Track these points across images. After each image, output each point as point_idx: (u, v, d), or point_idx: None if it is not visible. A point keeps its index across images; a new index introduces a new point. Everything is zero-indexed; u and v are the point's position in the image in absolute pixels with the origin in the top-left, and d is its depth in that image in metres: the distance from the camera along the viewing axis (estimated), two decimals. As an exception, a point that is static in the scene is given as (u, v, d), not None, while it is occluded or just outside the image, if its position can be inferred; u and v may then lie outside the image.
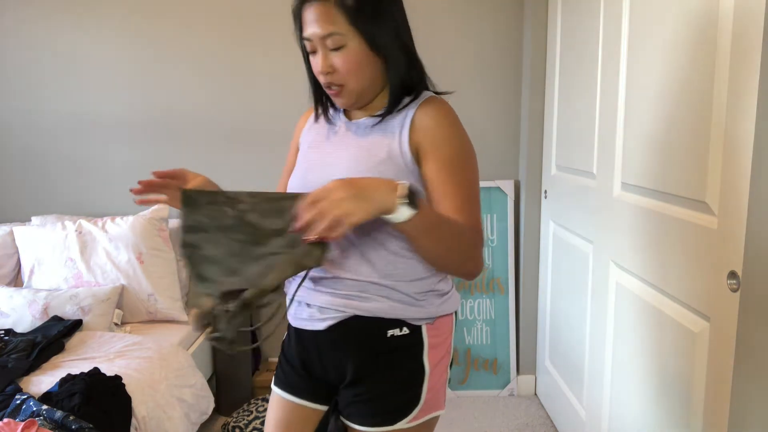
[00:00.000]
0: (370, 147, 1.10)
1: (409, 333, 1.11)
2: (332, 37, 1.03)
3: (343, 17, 1.03)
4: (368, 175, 1.05)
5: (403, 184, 0.92)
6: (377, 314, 1.09)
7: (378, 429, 1.12)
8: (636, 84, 1.59)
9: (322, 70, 1.06)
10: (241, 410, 2.37)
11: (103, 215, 2.59)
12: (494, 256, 2.69)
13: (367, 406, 1.13)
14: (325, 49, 1.05)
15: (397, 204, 0.90)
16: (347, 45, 1.04)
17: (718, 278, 1.20)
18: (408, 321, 1.11)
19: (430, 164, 1.06)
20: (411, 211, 0.91)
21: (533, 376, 2.72)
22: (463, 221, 1.03)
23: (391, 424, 1.12)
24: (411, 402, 1.12)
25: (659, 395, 1.47)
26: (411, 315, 1.11)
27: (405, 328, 1.11)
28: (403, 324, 1.11)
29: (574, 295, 2.14)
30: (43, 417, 1.50)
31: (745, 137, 1.11)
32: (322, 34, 1.03)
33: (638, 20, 1.58)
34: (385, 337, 1.10)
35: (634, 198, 1.61)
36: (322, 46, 1.05)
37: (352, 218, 0.88)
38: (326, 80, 1.08)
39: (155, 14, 2.61)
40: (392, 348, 1.11)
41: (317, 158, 1.16)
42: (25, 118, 2.70)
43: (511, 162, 2.72)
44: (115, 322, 2.29)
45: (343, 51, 1.04)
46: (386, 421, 1.12)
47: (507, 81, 2.66)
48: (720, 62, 1.20)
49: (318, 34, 1.04)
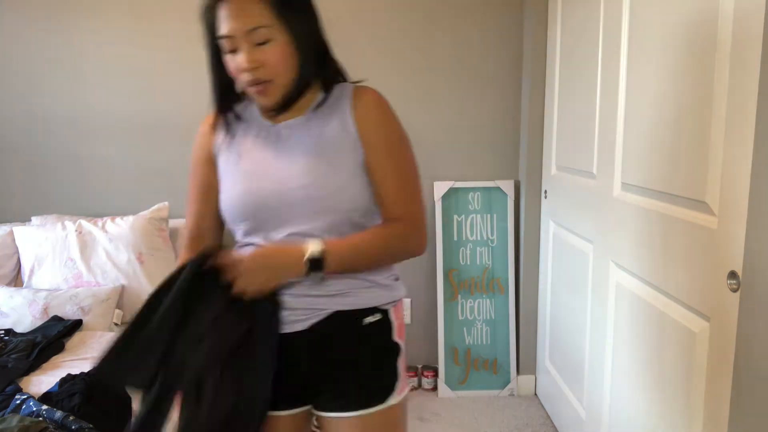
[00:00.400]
0: (321, 142, 1.10)
1: (381, 318, 1.16)
2: (259, 31, 1.01)
3: (268, 10, 1.02)
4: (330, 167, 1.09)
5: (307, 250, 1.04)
6: (358, 306, 1.14)
7: (368, 411, 1.14)
8: (636, 84, 1.59)
9: (248, 66, 1.03)
10: (241, 410, 2.37)
11: (103, 215, 2.59)
12: (494, 256, 2.69)
13: (353, 392, 1.14)
14: (248, 44, 1.02)
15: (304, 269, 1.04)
16: (274, 38, 1.03)
17: (718, 278, 1.20)
18: (380, 307, 1.16)
19: (374, 155, 1.11)
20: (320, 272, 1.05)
21: (533, 376, 2.72)
22: (401, 210, 1.12)
23: (382, 401, 1.15)
24: (393, 378, 1.17)
25: (659, 395, 1.47)
26: (383, 301, 1.17)
27: (377, 314, 1.16)
28: (376, 310, 1.16)
29: (574, 295, 2.14)
30: (43, 417, 1.50)
31: (745, 137, 1.11)
32: (248, 28, 1.01)
33: (638, 20, 1.58)
34: (361, 325, 1.14)
35: (634, 198, 1.61)
36: (246, 42, 1.02)
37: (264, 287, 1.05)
38: (252, 77, 1.04)
39: (156, 14, 2.60)
40: (368, 334, 1.15)
41: (262, 166, 1.12)
42: (25, 118, 2.69)
43: (511, 162, 2.72)
44: (115, 322, 2.29)
45: (270, 45, 1.03)
46: (375, 400, 1.15)
47: (507, 81, 2.66)
48: (720, 62, 1.20)
49: (242, 29, 1.01)
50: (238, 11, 1.02)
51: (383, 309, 1.17)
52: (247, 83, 1.06)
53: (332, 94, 1.13)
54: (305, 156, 1.09)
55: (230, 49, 1.05)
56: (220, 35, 1.04)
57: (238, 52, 1.04)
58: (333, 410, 1.15)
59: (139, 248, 2.39)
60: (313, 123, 1.12)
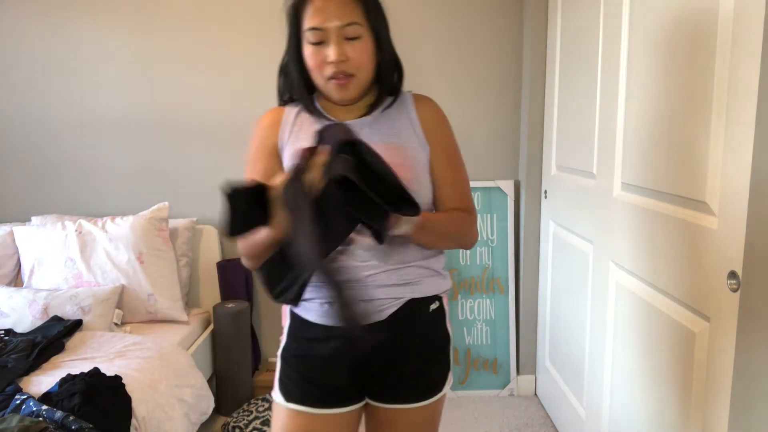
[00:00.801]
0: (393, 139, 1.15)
1: (439, 305, 1.22)
2: (352, 27, 1.08)
3: (360, 11, 1.09)
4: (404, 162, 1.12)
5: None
6: (426, 294, 1.18)
7: (427, 401, 1.19)
8: (636, 84, 1.59)
9: (337, 59, 1.07)
10: (241, 410, 2.37)
11: (103, 215, 2.59)
12: (494, 256, 2.69)
13: (416, 382, 1.19)
14: (339, 38, 1.08)
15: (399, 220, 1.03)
16: (363, 36, 1.10)
17: (718, 278, 1.20)
18: (439, 294, 1.22)
19: (437, 154, 1.18)
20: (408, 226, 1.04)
21: (533, 376, 2.72)
22: (463, 203, 1.20)
23: (438, 392, 1.21)
24: (447, 367, 1.24)
25: (659, 395, 1.47)
26: (442, 289, 1.23)
27: (437, 301, 1.21)
28: (436, 298, 1.21)
29: (574, 295, 2.14)
30: (43, 417, 1.50)
31: (745, 137, 1.11)
32: (343, 22, 1.07)
33: (638, 20, 1.58)
34: (428, 312, 1.20)
35: (634, 198, 1.61)
36: (337, 36, 1.07)
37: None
38: (337, 69, 1.09)
39: (156, 14, 2.60)
40: (433, 320, 1.21)
41: None
42: (25, 118, 2.70)
43: (511, 162, 2.72)
44: (115, 322, 2.29)
45: (359, 42, 1.09)
46: (434, 390, 1.21)
47: (507, 81, 2.66)
48: (720, 62, 1.20)
49: (337, 23, 1.07)
50: (335, 5, 1.07)
51: (440, 297, 1.23)
52: (330, 75, 1.10)
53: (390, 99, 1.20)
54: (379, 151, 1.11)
55: (317, 41, 1.09)
56: (311, 27, 1.08)
57: (326, 45, 1.08)
58: (394, 401, 1.19)
59: (139, 248, 2.39)
60: (380, 122, 1.17)
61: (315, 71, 1.12)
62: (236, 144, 2.68)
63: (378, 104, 1.18)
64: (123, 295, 2.37)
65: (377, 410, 1.22)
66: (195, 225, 2.65)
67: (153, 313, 2.40)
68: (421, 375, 1.19)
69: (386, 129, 1.16)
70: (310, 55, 1.10)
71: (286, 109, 1.22)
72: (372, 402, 1.22)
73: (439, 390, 1.22)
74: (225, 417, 2.42)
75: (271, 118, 1.22)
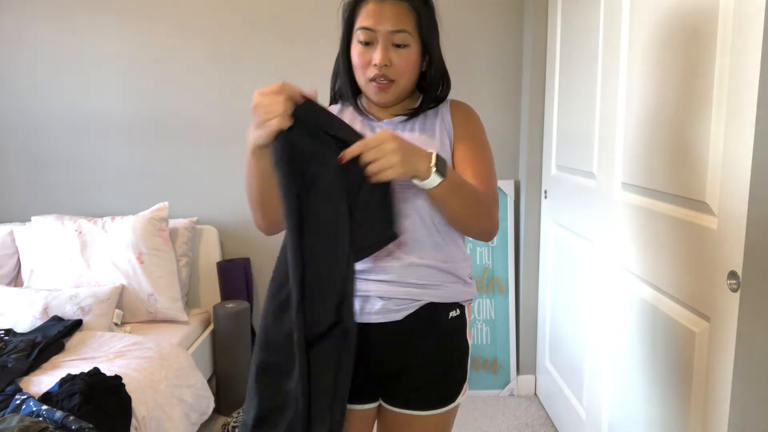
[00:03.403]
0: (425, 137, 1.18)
1: (459, 314, 1.21)
2: (402, 34, 1.10)
3: (413, 20, 1.11)
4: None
5: (434, 153, 1.01)
6: (447, 299, 1.18)
7: (441, 410, 1.20)
8: (636, 84, 1.59)
9: (381, 62, 1.10)
10: (241, 410, 2.37)
11: (103, 215, 2.59)
12: (494, 256, 2.69)
13: (430, 390, 1.18)
14: (387, 42, 1.10)
15: (431, 171, 0.99)
16: (410, 45, 1.12)
17: (718, 278, 1.20)
18: (461, 302, 1.21)
19: (461, 146, 1.19)
20: (440, 178, 1.00)
21: (533, 376, 2.72)
22: (484, 185, 1.16)
23: (452, 401, 1.22)
24: (463, 378, 1.23)
25: (659, 395, 1.47)
26: (464, 297, 1.21)
27: (458, 310, 1.21)
28: (457, 306, 1.20)
29: (574, 296, 2.14)
30: (43, 417, 1.50)
31: (745, 137, 1.11)
32: (395, 28, 1.09)
33: (638, 19, 1.58)
34: (447, 319, 1.19)
35: (634, 198, 1.61)
36: (386, 40, 1.10)
37: (391, 172, 0.96)
38: (380, 72, 1.11)
39: (155, 14, 2.60)
40: (450, 329, 1.20)
41: None
42: (25, 118, 2.70)
43: (511, 162, 2.72)
44: (115, 322, 2.29)
45: (406, 50, 1.12)
46: (448, 399, 1.21)
47: (507, 81, 2.66)
48: (720, 62, 1.20)
49: (389, 27, 1.09)
50: (389, 11, 1.10)
51: (461, 305, 1.22)
52: (372, 77, 1.13)
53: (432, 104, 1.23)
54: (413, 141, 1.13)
55: (366, 41, 1.12)
56: (363, 26, 1.11)
57: (373, 47, 1.11)
58: (407, 407, 1.19)
59: (139, 248, 2.39)
60: (414, 122, 1.21)
61: (358, 70, 1.14)
62: (237, 144, 2.68)
63: (419, 111, 1.20)
64: (123, 295, 2.37)
65: (390, 413, 1.22)
66: (195, 225, 2.65)
67: (153, 313, 2.40)
68: (437, 384, 1.19)
69: (419, 126, 1.20)
70: (357, 53, 1.13)
71: (333, 106, 1.26)
72: (385, 404, 1.22)
73: (454, 400, 1.22)
74: (225, 417, 2.42)
75: None
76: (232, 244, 2.76)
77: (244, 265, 2.67)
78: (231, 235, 2.75)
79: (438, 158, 1.01)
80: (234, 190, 2.69)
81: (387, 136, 0.97)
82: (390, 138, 0.96)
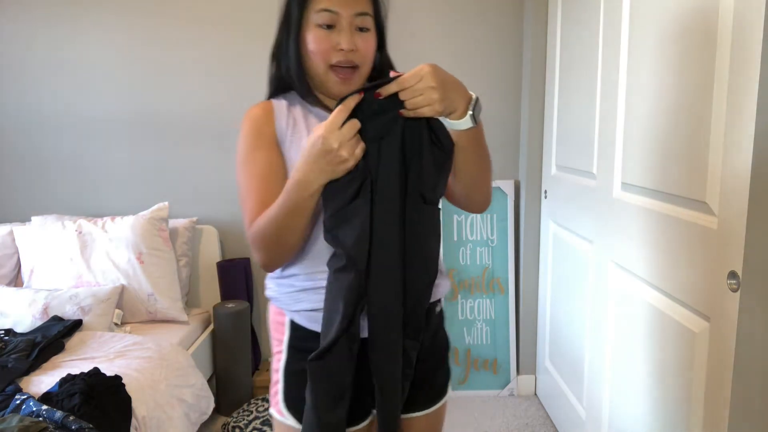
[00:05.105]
0: None
1: (441, 308, 1.21)
2: (365, 17, 1.05)
3: (372, 4, 1.07)
4: None
5: (474, 96, 0.96)
6: (438, 296, 1.16)
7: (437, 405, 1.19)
8: (636, 84, 1.59)
9: (349, 46, 1.03)
10: (241, 410, 2.37)
11: (103, 215, 2.59)
12: (494, 256, 2.69)
13: (424, 389, 1.16)
14: (351, 27, 1.04)
15: (467, 114, 0.95)
16: (370, 29, 1.07)
17: (718, 278, 1.20)
18: (442, 297, 1.19)
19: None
20: (472, 123, 0.96)
21: (533, 376, 2.72)
22: None
23: (444, 396, 1.20)
24: (449, 370, 1.22)
25: (659, 395, 1.47)
26: (445, 291, 1.20)
27: (440, 304, 1.20)
28: (439, 300, 1.19)
29: (574, 295, 2.14)
30: (43, 417, 1.50)
31: (745, 137, 1.11)
32: (359, 11, 1.04)
33: (638, 20, 1.58)
34: (435, 314, 1.17)
35: (634, 198, 1.61)
36: (350, 24, 1.04)
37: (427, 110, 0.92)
38: (346, 57, 1.04)
39: (155, 14, 2.60)
40: (438, 324, 1.19)
41: None
42: (25, 118, 2.70)
43: (511, 162, 2.72)
44: (115, 322, 2.29)
45: (367, 34, 1.06)
46: (442, 394, 1.20)
47: (507, 81, 2.66)
48: (720, 62, 1.20)
49: (353, 10, 1.03)
50: None
51: (441, 299, 1.21)
52: (337, 62, 1.04)
53: None
54: None
55: (328, 24, 1.03)
56: (324, 8, 1.03)
57: (336, 31, 1.04)
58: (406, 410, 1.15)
59: (139, 248, 2.39)
60: None
61: (317, 56, 1.05)
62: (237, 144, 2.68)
63: None
64: (123, 295, 2.37)
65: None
66: (195, 225, 2.65)
67: (153, 313, 2.40)
68: (429, 381, 1.17)
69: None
70: (316, 38, 1.04)
71: (273, 102, 1.14)
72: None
73: (444, 394, 1.21)
74: (225, 417, 2.42)
75: (263, 109, 1.13)
76: (232, 244, 2.76)
77: (244, 265, 2.67)
78: (231, 235, 2.76)
79: (477, 102, 0.95)
80: (234, 190, 2.68)
81: (427, 70, 0.90)
82: (430, 73, 0.90)
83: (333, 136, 0.91)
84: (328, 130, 0.91)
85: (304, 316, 1.10)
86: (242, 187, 1.10)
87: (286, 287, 1.12)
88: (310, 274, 1.09)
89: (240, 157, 1.12)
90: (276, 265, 1.08)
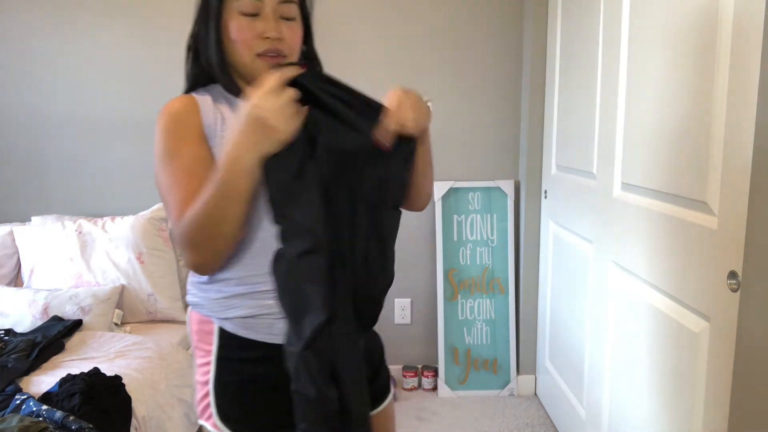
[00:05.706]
0: None
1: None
2: (290, 6, 1.01)
3: None
4: None
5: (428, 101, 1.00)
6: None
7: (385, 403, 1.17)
8: (636, 84, 1.59)
9: (275, 34, 0.98)
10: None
11: (103, 215, 2.59)
12: (494, 256, 2.69)
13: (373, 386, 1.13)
14: (276, 14, 0.99)
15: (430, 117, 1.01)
16: (296, 18, 1.03)
17: (718, 278, 1.20)
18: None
19: None
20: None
21: (533, 376, 2.72)
22: None
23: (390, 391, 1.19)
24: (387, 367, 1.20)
25: (659, 395, 1.47)
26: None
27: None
28: None
29: (574, 295, 2.14)
30: (43, 417, 1.50)
31: (745, 137, 1.11)
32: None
33: (638, 20, 1.58)
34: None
35: (634, 198, 1.61)
36: (274, 11, 0.99)
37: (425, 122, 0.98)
38: (272, 46, 0.99)
39: (155, 14, 2.60)
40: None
41: None
42: (25, 118, 2.69)
43: (511, 162, 2.72)
44: (115, 322, 2.29)
45: (293, 23, 1.02)
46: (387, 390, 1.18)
47: (507, 81, 2.66)
48: (720, 62, 1.20)
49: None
50: None
51: None
52: (264, 51, 0.99)
53: None
54: None
55: (252, 12, 0.98)
56: None
57: (260, 19, 0.99)
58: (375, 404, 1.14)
59: (139, 248, 2.39)
60: None
61: (241, 45, 0.99)
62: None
63: None
64: (123, 295, 2.37)
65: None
66: (195, 225, 2.65)
67: (153, 313, 2.40)
68: (376, 377, 1.15)
69: None
70: (239, 27, 0.98)
71: (195, 96, 1.04)
72: None
73: (389, 389, 1.19)
74: (225, 417, 2.42)
75: (186, 103, 1.03)
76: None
77: (244, 265, 2.67)
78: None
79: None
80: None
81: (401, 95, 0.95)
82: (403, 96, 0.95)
83: (266, 104, 0.84)
84: (260, 98, 0.85)
85: (238, 324, 1.01)
86: (165, 183, 0.98)
87: (213, 293, 1.02)
88: (244, 278, 1.00)
89: (160, 153, 0.99)
90: (210, 266, 0.98)
